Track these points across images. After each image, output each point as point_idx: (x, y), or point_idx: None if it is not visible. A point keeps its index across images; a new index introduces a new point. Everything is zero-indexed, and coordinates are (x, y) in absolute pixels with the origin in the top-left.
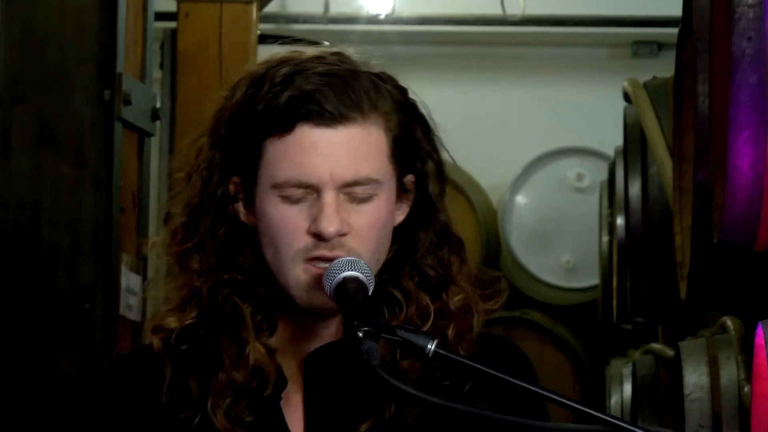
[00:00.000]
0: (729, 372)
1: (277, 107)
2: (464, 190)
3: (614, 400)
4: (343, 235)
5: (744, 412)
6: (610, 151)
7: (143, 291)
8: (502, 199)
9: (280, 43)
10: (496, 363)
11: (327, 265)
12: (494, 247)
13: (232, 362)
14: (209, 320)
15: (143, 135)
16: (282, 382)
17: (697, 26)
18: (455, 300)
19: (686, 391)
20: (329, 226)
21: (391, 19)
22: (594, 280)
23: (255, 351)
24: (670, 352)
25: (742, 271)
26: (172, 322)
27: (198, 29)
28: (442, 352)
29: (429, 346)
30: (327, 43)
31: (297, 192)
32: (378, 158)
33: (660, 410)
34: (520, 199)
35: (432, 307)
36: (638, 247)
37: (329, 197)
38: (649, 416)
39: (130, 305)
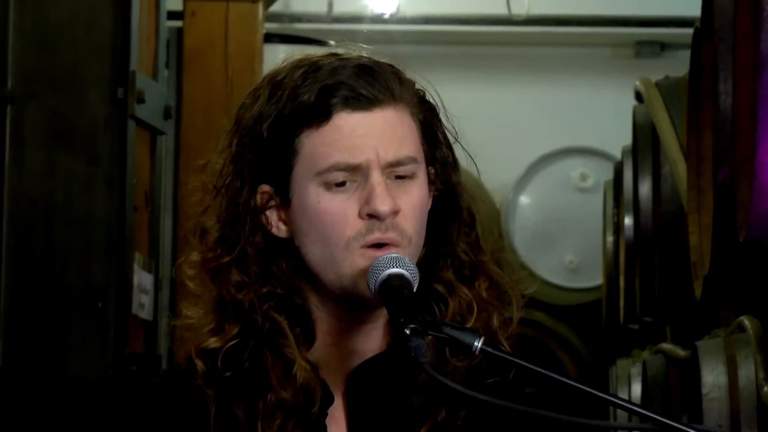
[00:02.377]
0: (747, 371)
1: (310, 100)
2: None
3: None
4: (396, 213)
5: (763, 411)
6: (613, 151)
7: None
8: (506, 199)
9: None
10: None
11: (383, 253)
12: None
13: (279, 382)
14: (251, 338)
15: (155, 133)
16: (328, 398)
17: (719, 26)
18: (487, 286)
19: (704, 390)
20: (382, 204)
21: (395, 19)
22: (597, 280)
23: (301, 368)
24: (681, 352)
25: (763, 270)
26: (213, 342)
27: (204, 28)
28: (489, 349)
29: (476, 344)
30: (333, 42)
31: (342, 176)
32: (413, 139)
33: (670, 410)
34: (524, 199)
35: (472, 297)
36: (649, 246)
37: (377, 177)
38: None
39: (142, 304)
